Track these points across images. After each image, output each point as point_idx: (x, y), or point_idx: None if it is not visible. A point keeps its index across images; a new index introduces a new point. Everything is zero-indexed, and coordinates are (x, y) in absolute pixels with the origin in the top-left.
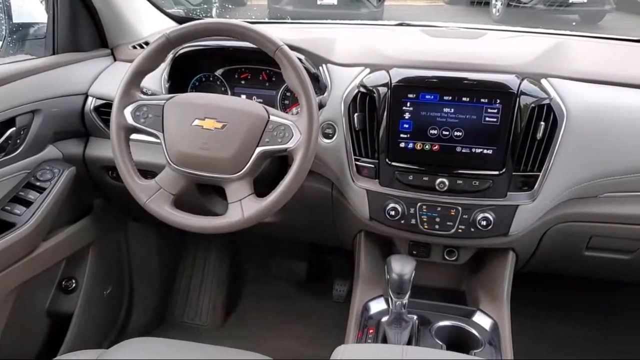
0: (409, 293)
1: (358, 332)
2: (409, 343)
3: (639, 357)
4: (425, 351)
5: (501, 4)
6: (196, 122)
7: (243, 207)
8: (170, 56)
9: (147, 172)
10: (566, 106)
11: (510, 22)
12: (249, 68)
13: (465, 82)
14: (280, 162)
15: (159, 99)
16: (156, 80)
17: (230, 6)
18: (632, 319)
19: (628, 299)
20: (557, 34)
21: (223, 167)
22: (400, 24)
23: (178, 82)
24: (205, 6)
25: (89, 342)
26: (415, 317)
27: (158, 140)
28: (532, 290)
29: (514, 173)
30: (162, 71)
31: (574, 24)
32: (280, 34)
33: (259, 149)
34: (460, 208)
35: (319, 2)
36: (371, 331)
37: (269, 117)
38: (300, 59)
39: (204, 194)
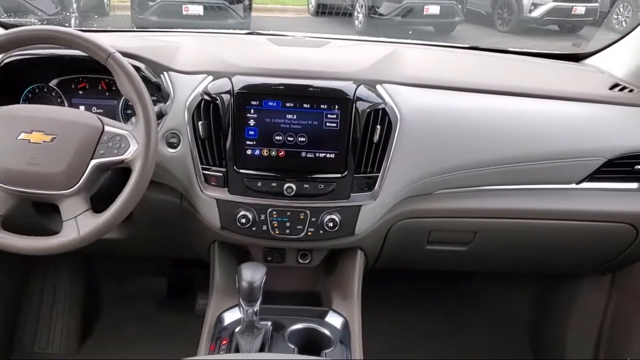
0: (260, 300)
1: (210, 344)
2: (261, 350)
3: (486, 344)
4: (267, 357)
5: (363, 16)
6: (22, 135)
7: (78, 224)
8: None
9: None
10: (399, 110)
11: (371, 33)
12: (87, 77)
13: (304, 88)
14: (123, 175)
15: None
16: None
17: (92, 16)
18: (476, 307)
19: (472, 288)
20: (395, 42)
21: (54, 183)
22: (250, 33)
23: (7, 94)
24: (63, 15)
25: None
26: (269, 323)
27: None
28: (388, 287)
29: (355, 175)
30: None
31: (410, 32)
32: (120, 42)
33: (93, 162)
34: (308, 211)
35: (184, 13)
36: (224, 342)
37: (103, 128)
38: (139, 67)
39: (42, 212)
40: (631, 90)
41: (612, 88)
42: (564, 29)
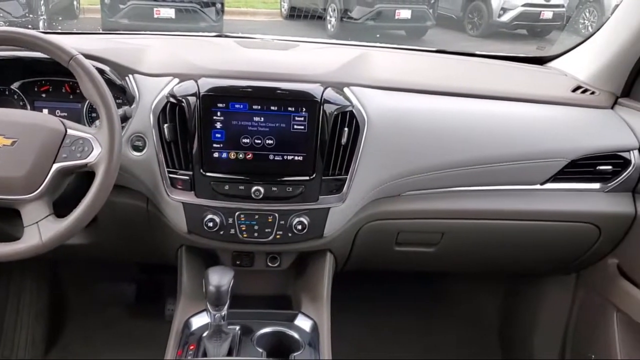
0: (227, 304)
1: (178, 350)
2: (229, 354)
3: (456, 344)
4: None
5: (335, 20)
6: None
7: (41, 229)
8: None
9: None
10: (367, 112)
11: (344, 37)
12: (50, 80)
13: (271, 91)
14: (87, 179)
15: None
16: None
17: (60, 19)
18: (446, 308)
19: (441, 288)
20: (364, 46)
21: (15, 188)
22: (218, 35)
23: None
24: (30, 18)
25: None
26: (237, 327)
27: None
28: (359, 289)
29: (323, 177)
30: None
31: (378, 35)
32: (84, 44)
33: (56, 166)
34: (277, 214)
35: (156, 16)
36: (192, 347)
37: (66, 131)
38: (103, 70)
39: (3, 217)
40: (593, 93)
41: (574, 90)
42: (533, 33)
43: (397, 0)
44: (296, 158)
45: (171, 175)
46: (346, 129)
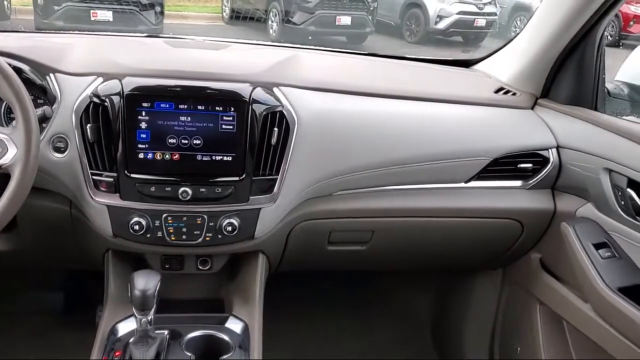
0: (154, 309)
1: (103, 356)
2: (156, 359)
3: (393, 343)
4: None
5: (277, 25)
6: None
7: None
8: None
9: None
10: (297, 113)
11: (286, 42)
12: None
13: (198, 90)
14: (4, 182)
15: None
16: None
17: None
18: (382, 307)
19: (377, 288)
20: (296, 48)
21: None
22: (149, 36)
23: None
24: None
25: None
26: (165, 332)
27: None
28: (295, 291)
29: (254, 178)
30: None
31: (310, 37)
32: (3, 42)
33: None
34: (206, 216)
35: (93, 18)
36: (117, 354)
37: None
38: (21, 69)
39: None
40: (514, 94)
41: (497, 92)
42: (467, 40)
43: (337, 7)
44: (225, 158)
45: (95, 177)
46: (276, 129)
